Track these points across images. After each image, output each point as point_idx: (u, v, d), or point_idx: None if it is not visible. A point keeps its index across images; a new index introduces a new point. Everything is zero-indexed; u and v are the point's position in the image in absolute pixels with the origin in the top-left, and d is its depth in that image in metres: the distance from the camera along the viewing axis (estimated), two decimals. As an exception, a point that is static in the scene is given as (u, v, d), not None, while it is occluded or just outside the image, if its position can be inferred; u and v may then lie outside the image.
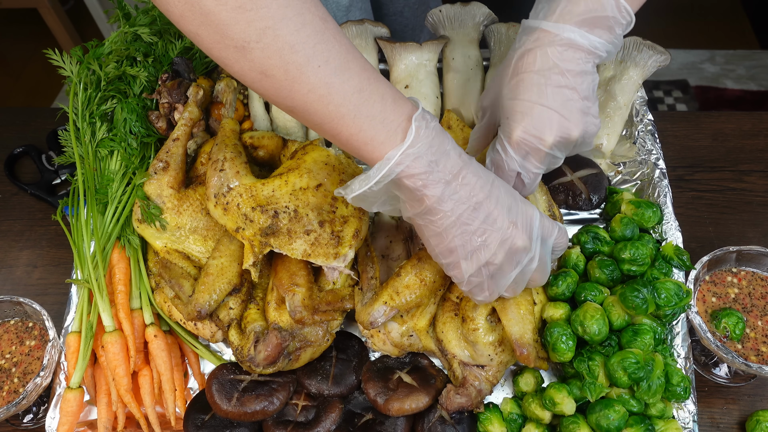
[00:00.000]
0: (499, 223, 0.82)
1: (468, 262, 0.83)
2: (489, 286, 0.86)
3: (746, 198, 1.28)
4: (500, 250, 0.83)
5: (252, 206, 0.97)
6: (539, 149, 0.90)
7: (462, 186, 0.80)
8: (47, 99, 3.13)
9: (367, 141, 0.77)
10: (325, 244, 0.96)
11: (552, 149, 0.90)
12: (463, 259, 0.83)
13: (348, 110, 0.76)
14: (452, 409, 0.95)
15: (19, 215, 1.36)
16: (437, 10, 1.28)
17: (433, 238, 0.84)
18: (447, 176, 0.79)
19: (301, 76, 0.73)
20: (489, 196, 0.81)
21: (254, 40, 0.71)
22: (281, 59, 0.72)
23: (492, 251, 0.82)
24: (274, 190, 0.98)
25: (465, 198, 0.80)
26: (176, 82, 1.17)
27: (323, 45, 0.73)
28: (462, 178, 0.80)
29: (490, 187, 0.82)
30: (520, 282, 0.89)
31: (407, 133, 0.76)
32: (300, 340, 0.99)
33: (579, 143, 0.92)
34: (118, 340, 1.01)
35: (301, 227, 0.96)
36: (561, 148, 0.91)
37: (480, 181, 0.81)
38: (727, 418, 1.04)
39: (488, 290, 0.87)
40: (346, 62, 0.75)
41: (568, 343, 0.94)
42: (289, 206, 0.97)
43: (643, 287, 0.95)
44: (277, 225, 0.96)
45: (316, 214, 0.97)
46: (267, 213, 0.97)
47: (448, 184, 0.79)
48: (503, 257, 0.83)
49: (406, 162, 0.76)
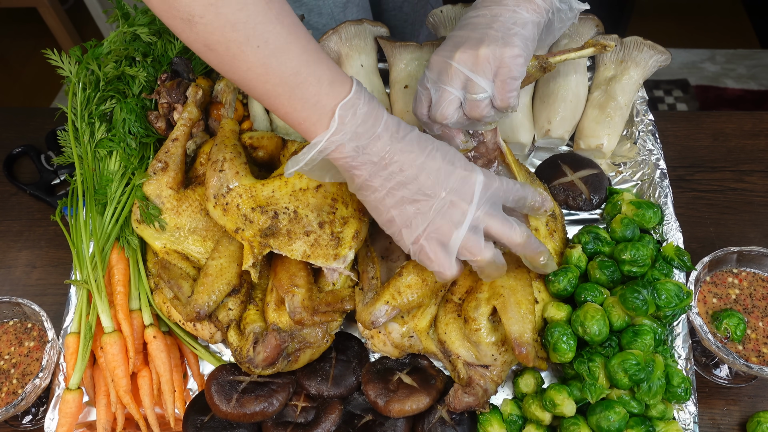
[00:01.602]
0: (432, 191, 0.84)
1: (408, 230, 0.86)
2: (437, 256, 0.86)
3: (747, 198, 1.27)
4: (437, 217, 0.85)
5: (251, 207, 0.97)
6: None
7: (391, 164, 0.83)
8: (46, 99, 3.13)
9: (301, 121, 0.82)
10: (325, 245, 0.96)
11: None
12: (404, 227, 0.86)
13: (284, 91, 0.80)
14: (460, 408, 0.95)
15: (18, 215, 1.35)
16: (438, 10, 1.28)
17: (373, 212, 0.89)
18: (374, 158, 0.83)
19: (241, 54, 0.77)
20: (422, 168, 0.84)
21: (198, 14, 0.75)
22: (223, 36, 0.76)
23: (429, 218, 0.85)
24: (274, 190, 0.98)
25: (395, 173, 0.83)
26: (175, 82, 1.16)
27: (264, 26, 0.77)
28: (391, 157, 0.83)
29: (424, 158, 0.84)
30: (478, 251, 0.87)
31: (331, 122, 0.80)
32: (299, 341, 0.99)
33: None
34: (117, 341, 1.01)
35: (300, 228, 0.96)
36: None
37: (412, 155, 0.84)
38: (727, 419, 1.04)
39: (436, 260, 0.87)
40: (287, 44, 0.78)
41: (569, 343, 0.94)
42: (288, 207, 0.97)
43: (643, 288, 0.94)
44: (277, 226, 0.96)
45: (315, 215, 0.97)
46: (267, 214, 0.96)
47: (375, 165, 0.83)
48: (441, 223, 0.85)
49: (330, 148, 0.81)
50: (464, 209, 0.85)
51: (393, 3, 1.65)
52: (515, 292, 0.95)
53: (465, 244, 0.86)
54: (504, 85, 0.94)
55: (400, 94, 1.25)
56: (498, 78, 0.94)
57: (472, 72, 0.93)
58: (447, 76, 0.96)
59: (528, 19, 0.95)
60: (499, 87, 0.94)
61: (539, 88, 1.26)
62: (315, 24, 1.43)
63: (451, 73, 0.95)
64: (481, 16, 0.97)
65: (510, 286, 0.95)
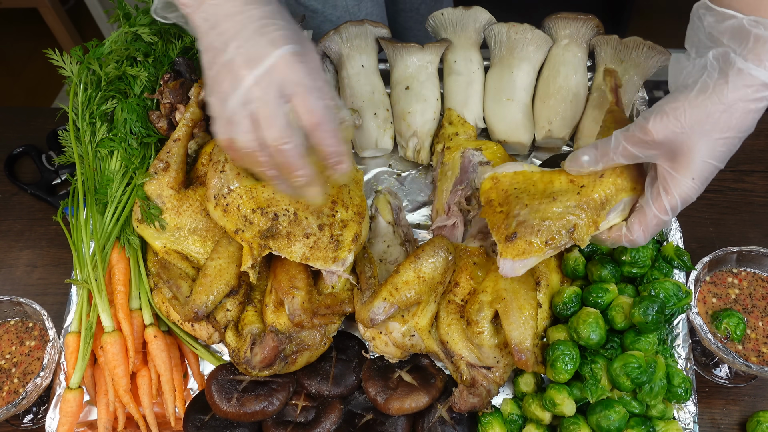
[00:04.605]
0: (222, 43, 0.81)
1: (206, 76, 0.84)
2: (216, 111, 0.84)
3: (747, 198, 1.27)
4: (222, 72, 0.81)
5: (252, 208, 0.97)
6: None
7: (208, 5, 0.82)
8: (47, 98, 3.13)
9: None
10: (324, 248, 0.96)
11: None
12: (206, 70, 0.84)
13: None
14: (465, 409, 0.95)
15: (19, 215, 1.36)
16: (439, 13, 1.28)
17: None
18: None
19: None
20: (227, 18, 0.81)
21: None
22: None
23: (213, 72, 0.82)
24: (275, 192, 0.98)
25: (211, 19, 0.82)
26: (178, 83, 1.17)
27: None
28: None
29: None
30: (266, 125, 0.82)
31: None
32: (297, 343, 0.99)
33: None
34: (117, 340, 1.01)
35: (300, 230, 0.96)
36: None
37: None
38: (727, 418, 1.04)
39: (218, 117, 0.83)
40: None
41: (567, 366, 0.93)
42: (288, 209, 0.97)
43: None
44: (277, 228, 0.96)
45: (315, 217, 0.97)
46: (267, 215, 0.97)
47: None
48: (222, 79, 0.81)
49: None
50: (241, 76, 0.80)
51: (410, 4, 1.66)
52: (518, 296, 0.95)
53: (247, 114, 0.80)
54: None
55: (402, 95, 1.25)
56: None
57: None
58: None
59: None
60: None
61: (539, 89, 1.26)
62: (329, 16, 1.44)
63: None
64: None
65: (513, 289, 0.95)
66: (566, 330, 0.97)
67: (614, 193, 0.91)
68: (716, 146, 0.82)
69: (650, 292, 0.97)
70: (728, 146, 0.83)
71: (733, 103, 0.80)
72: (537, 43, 1.24)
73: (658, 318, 0.92)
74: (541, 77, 1.26)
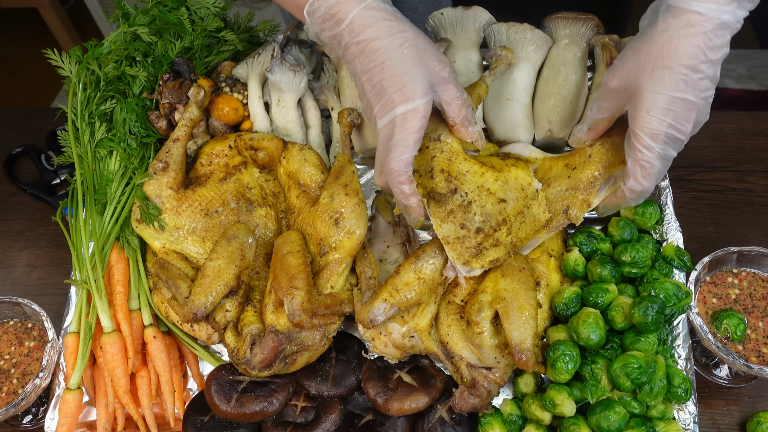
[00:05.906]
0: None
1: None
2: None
3: (747, 198, 1.27)
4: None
5: (442, 168, 0.99)
6: (679, 139, 0.91)
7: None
8: (47, 98, 3.13)
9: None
10: (467, 248, 0.96)
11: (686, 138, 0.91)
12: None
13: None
14: (466, 409, 0.95)
15: (18, 215, 1.35)
16: (438, 13, 1.28)
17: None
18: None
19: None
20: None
21: None
22: None
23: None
24: (468, 171, 1.00)
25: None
26: (178, 83, 1.16)
27: None
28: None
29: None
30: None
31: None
32: (297, 343, 0.99)
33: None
34: (116, 340, 1.01)
35: (461, 217, 0.97)
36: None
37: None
38: (727, 419, 1.04)
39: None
40: None
41: (567, 366, 0.93)
42: (468, 194, 0.98)
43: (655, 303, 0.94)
44: (445, 198, 0.97)
45: (481, 219, 0.97)
46: (449, 183, 0.98)
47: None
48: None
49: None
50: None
51: (409, 3, 1.65)
52: (518, 296, 0.94)
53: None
54: None
55: (400, 94, 1.25)
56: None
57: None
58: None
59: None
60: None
61: (539, 88, 1.26)
62: None
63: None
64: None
65: (513, 289, 0.95)
66: (566, 330, 0.97)
67: (603, 172, 1.02)
68: (662, 78, 0.87)
69: (650, 292, 0.97)
70: (675, 77, 0.86)
71: (665, 37, 0.87)
72: (537, 43, 1.24)
73: (658, 318, 0.92)
74: (541, 77, 1.26)
